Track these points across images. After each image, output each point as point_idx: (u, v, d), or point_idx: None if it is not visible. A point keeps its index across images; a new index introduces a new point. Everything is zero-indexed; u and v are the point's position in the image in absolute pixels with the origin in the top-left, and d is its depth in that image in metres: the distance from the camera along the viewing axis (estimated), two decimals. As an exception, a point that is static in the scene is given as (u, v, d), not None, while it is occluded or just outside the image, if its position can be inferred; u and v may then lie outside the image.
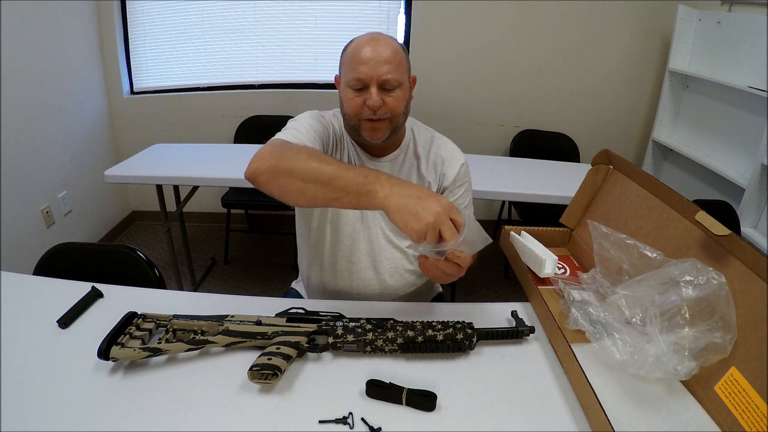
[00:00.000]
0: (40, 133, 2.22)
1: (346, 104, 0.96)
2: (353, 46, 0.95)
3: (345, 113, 0.98)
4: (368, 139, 0.98)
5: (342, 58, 0.98)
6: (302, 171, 0.75)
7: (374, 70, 0.91)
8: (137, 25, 2.66)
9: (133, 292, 0.99)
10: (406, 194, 0.72)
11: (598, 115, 2.80)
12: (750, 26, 2.05)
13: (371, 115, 0.94)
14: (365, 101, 0.93)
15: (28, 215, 2.16)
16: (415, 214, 0.69)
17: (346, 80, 0.95)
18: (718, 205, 1.94)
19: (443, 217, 0.70)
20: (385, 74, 0.92)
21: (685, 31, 2.40)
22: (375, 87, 0.92)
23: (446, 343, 0.80)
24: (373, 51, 0.92)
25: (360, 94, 0.94)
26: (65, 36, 2.34)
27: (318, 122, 0.99)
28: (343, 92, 0.97)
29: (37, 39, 2.14)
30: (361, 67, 0.92)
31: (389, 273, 1.11)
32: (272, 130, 1.06)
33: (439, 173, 1.09)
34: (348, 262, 1.09)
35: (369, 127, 0.96)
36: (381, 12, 2.64)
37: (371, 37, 0.96)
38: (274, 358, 0.74)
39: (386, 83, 0.93)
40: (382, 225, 1.08)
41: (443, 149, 1.10)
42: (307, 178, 0.75)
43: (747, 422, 0.65)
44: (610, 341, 0.77)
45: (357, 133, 0.99)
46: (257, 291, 2.39)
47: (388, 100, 0.93)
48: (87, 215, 2.59)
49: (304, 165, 0.76)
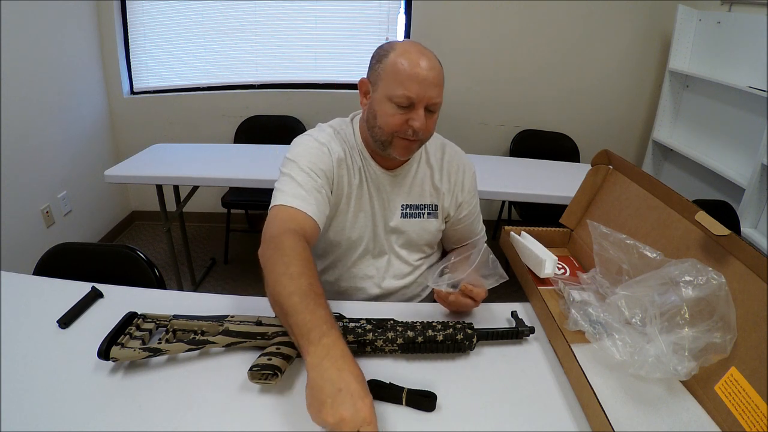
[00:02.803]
0: (40, 133, 2.21)
1: (383, 118, 0.90)
2: (400, 56, 0.88)
3: (378, 126, 0.92)
4: (397, 156, 0.95)
5: (381, 66, 0.90)
6: (272, 290, 0.75)
7: (426, 92, 0.87)
8: (137, 25, 2.66)
9: (133, 292, 0.99)
10: (329, 378, 0.61)
11: (598, 115, 2.80)
12: (750, 26, 2.05)
13: (410, 135, 0.90)
14: (408, 120, 0.89)
15: (28, 215, 2.16)
16: (320, 405, 0.60)
17: (391, 95, 0.88)
18: (718, 205, 1.94)
19: (347, 426, 0.58)
20: (435, 98, 0.89)
21: (685, 31, 2.41)
22: (422, 108, 0.89)
23: (446, 344, 0.80)
24: (427, 71, 0.87)
25: (404, 112, 0.89)
26: (65, 36, 2.34)
27: (318, 156, 0.95)
28: (380, 105, 0.91)
29: (37, 39, 2.14)
30: (414, 85, 0.86)
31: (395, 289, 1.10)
32: (272, 130, 1.06)
33: (453, 183, 1.07)
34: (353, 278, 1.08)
35: (403, 145, 0.92)
36: (381, 12, 2.64)
37: (420, 49, 0.90)
38: (274, 358, 0.74)
39: (433, 106, 0.90)
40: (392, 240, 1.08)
41: (455, 158, 1.08)
42: (272, 301, 0.76)
43: (747, 422, 0.65)
44: (610, 341, 0.77)
45: (383, 147, 0.94)
46: (257, 291, 2.37)
47: (428, 123, 0.91)
48: (87, 215, 2.59)
49: (274, 287, 0.74)
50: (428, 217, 1.07)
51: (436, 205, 1.07)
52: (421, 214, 1.06)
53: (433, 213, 1.07)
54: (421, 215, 1.06)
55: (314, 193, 0.91)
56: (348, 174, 0.99)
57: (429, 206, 1.06)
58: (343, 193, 1.00)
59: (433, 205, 1.07)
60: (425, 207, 1.06)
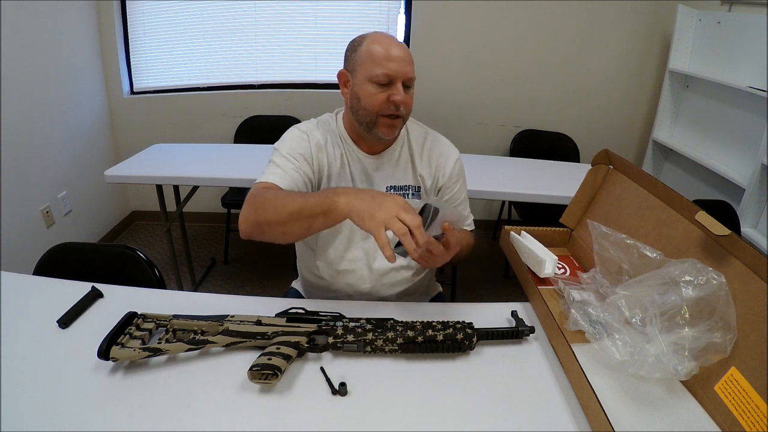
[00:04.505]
0: (40, 133, 2.21)
1: (366, 99, 0.97)
2: (373, 43, 0.97)
3: (362, 108, 0.98)
4: (383, 136, 1.00)
5: (356, 55, 0.99)
6: (275, 217, 0.84)
7: (401, 68, 0.95)
8: (137, 25, 2.66)
9: (133, 292, 0.99)
10: (362, 197, 0.80)
11: (598, 115, 2.80)
12: (750, 26, 2.05)
13: (393, 111, 0.97)
14: (389, 97, 0.96)
15: (28, 215, 2.16)
16: (371, 211, 0.77)
17: (370, 75, 0.95)
18: (718, 205, 1.94)
19: (398, 210, 0.76)
20: (410, 73, 0.97)
21: (685, 31, 2.40)
22: (401, 83, 0.96)
23: (446, 343, 0.80)
24: (399, 50, 0.96)
25: (384, 90, 0.96)
26: (65, 36, 2.34)
27: (298, 142, 1.03)
28: (361, 88, 0.98)
29: (37, 39, 2.14)
30: (390, 63, 0.94)
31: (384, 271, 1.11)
32: (272, 130, 1.07)
33: (434, 168, 1.11)
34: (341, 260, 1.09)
35: (387, 123, 0.98)
36: (381, 12, 2.64)
37: (389, 36, 1.00)
38: (274, 358, 0.74)
39: (409, 81, 0.98)
40: None
41: (437, 145, 1.12)
42: (282, 221, 0.84)
43: (747, 422, 0.65)
44: (610, 341, 0.77)
45: (369, 129, 1.00)
46: (257, 291, 2.39)
47: (406, 98, 0.98)
48: (87, 215, 2.59)
49: (275, 212, 0.85)
50: (412, 198, 1.11)
51: (419, 187, 1.11)
52: (405, 195, 1.10)
53: (416, 194, 1.11)
54: (406, 196, 1.10)
55: (291, 173, 0.98)
56: (328, 158, 1.05)
57: (413, 187, 1.11)
58: (323, 175, 1.05)
59: (416, 187, 1.11)
60: (409, 188, 1.10)
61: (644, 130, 2.84)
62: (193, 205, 2.40)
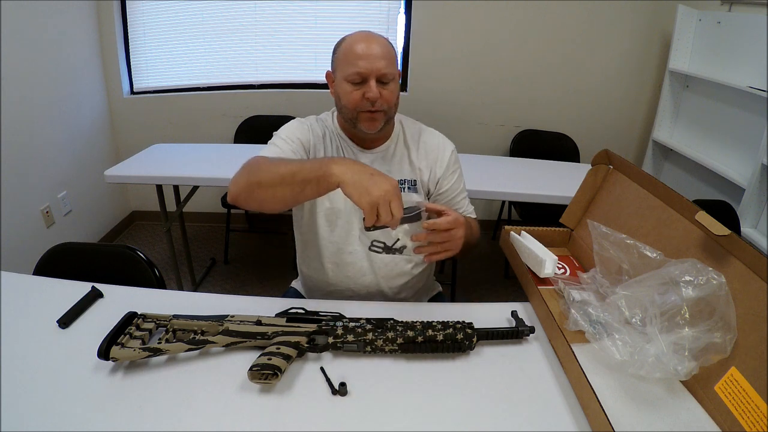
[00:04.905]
0: (40, 133, 2.21)
1: (344, 98, 1.00)
2: (349, 44, 1.00)
3: (343, 106, 1.02)
4: (365, 130, 1.02)
5: (336, 56, 1.02)
6: (268, 179, 0.84)
7: (373, 64, 0.97)
8: (137, 25, 2.65)
9: (133, 292, 0.99)
10: (359, 171, 0.79)
11: (598, 115, 2.80)
12: (750, 26, 2.05)
13: (369, 107, 0.99)
14: (364, 94, 0.98)
15: (28, 215, 2.16)
16: (367, 188, 0.77)
17: (345, 75, 0.99)
18: (718, 205, 1.94)
19: (392, 194, 0.77)
20: (382, 68, 0.98)
21: (685, 31, 2.40)
22: (373, 80, 0.98)
23: (446, 343, 0.80)
24: (371, 47, 0.98)
25: (358, 87, 0.98)
26: (65, 36, 2.34)
27: (298, 128, 1.06)
28: (340, 87, 1.01)
29: (37, 39, 2.13)
30: (360, 61, 0.97)
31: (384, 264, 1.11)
32: (272, 130, 1.08)
33: (431, 160, 1.12)
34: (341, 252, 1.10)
35: (366, 118, 1.00)
36: (381, 12, 2.64)
37: (365, 34, 1.01)
38: (274, 358, 0.74)
39: (383, 77, 0.99)
40: None
41: (432, 137, 1.14)
42: (273, 183, 0.84)
43: (747, 422, 0.65)
44: (610, 341, 0.77)
45: (353, 125, 1.03)
46: (257, 291, 2.39)
47: (384, 93, 0.99)
48: (87, 215, 2.59)
49: (268, 173, 0.85)
50: (408, 191, 1.11)
51: (415, 180, 1.12)
52: (402, 188, 1.11)
53: (412, 187, 1.11)
54: (402, 189, 1.11)
55: (288, 153, 1.00)
56: (325, 150, 1.08)
57: (409, 181, 1.12)
58: None
59: (413, 180, 1.12)
60: (405, 182, 1.11)
61: (644, 130, 2.84)
62: (193, 205, 2.40)
